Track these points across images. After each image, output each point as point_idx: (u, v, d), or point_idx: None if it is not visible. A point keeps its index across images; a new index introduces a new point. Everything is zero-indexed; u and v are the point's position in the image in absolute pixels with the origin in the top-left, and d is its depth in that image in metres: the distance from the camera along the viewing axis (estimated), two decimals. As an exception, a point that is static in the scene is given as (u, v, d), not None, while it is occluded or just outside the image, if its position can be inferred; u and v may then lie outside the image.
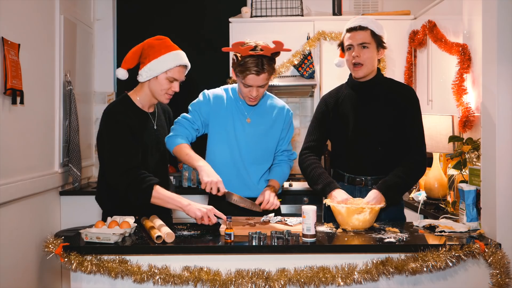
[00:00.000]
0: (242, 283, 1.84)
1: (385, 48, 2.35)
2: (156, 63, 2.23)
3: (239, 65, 2.22)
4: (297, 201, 3.74)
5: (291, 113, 2.49)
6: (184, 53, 2.34)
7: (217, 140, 2.37)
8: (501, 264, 1.90)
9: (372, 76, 2.36)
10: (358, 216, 2.09)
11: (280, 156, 2.50)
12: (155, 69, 2.23)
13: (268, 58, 2.22)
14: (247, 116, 2.38)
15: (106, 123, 2.26)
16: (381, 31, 2.32)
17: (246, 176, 2.37)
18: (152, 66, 2.23)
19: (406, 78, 3.92)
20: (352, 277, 1.86)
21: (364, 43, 2.29)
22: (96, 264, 1.86)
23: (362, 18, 2.34)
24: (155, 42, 2.28)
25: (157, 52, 2.23)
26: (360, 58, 2.29)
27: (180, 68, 2.29)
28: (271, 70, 2.25)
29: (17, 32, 2.99)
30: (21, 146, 3.07)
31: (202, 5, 4.46)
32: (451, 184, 2.95)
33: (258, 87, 2.26)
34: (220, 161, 2.34)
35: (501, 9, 2.03)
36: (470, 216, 2.18)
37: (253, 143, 2.37)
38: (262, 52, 2.18)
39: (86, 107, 4.26)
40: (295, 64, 3.92)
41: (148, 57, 2.24)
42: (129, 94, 2.36)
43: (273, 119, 2.42)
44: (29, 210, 3.21)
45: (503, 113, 2.03)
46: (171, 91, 2.31)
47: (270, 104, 2.46)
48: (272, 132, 2.42)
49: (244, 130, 2.36)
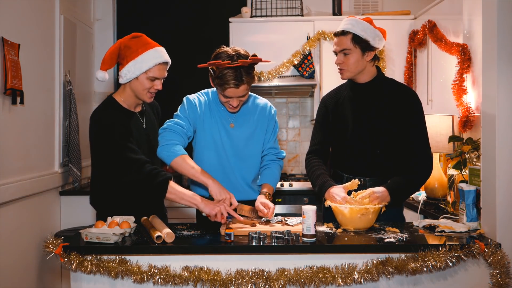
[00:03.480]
0: (242, 283, 1.84)
1: (373, 49, 2.28)
2: (135, 64, 2.16)
3: (217, 78, 2.15)
4: (297, 201, 3.74)
5: (274, 110, 2.44)
6: (163, 48, 2.26)
7: (204, 145, 2.33)
8: (501, 264, 1.90)
9: (370, 78, 2.34)
10: (362, 216, 2.08)
11: (268, 155, 2.46)
12: (134, 70, 2.17)
13: (246, 68, 2.14)
14: (230, 121, 2.34)
15: (100, 127, 2.20)
16: (366, 34, 2.24)
17: (235, 180, 2.35)
18: (130, 68, 2.17)
19: (406, 78, 3.92)
20: (352, 277, 1.86)
21: (345, 49, 2.26)
22: (96, 264, 1.86)
23: (348, 21, 2.28)
24: (131, 41, 2.20)
25: (134, 53, 2.17)
26: (343, 64, 2.28)
27: (160, 66, 2.21)
28: (250, 80, 2.18)
29: (17, 32, 2.99)
30: (21, 146, 3.07)
31: (202, 5, 4.47)
32: (451, 184, 2.95)
33: (239, 97, 2.21)
34: (208, 166, 2.30)
35: (501, 9, 2.03)
36: (470, 216, 2.18)
37: (239, 147, 2.34)
38: (239, 63, 2.10)
39: (86, 107, 4.25)
40: (295, 64, 3.92)
41: (125, 58, 2.18)
42: (114, 96, 2.30)
43: (256, 119, 2.38)
44: (29, 210, 3.21)
45: (503, 113, 2.03)
46: (153, 90, 2.25)
47: (252, 104, 2.40)
48: (257, 133, 2.38)
49: (229, 135, 2.33)
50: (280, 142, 4.49)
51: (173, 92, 3.08)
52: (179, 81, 3.99)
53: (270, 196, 2.34)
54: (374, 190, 2.17)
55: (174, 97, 2.42)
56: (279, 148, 2.50)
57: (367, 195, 2.14)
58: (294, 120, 4.55)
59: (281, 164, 2.50)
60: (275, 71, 3.91)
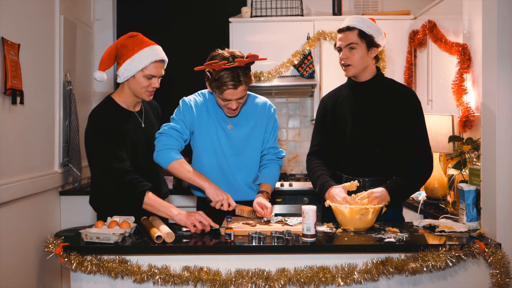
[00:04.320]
0: (242, 283, 1.84)
1: (377, 46, 2.31)
2: (131, 62, 2.20)
3: (215, 80, 2.14)
4: (297, 201, 3.74)
5: (273, 109, 2.42)
6: (160, 47, 2.28)
7: (202, 148, 2.33)
8: (501, 264, 1.90)
9: (370, 76, 2.34)
10: (361, 216, 2.08)
11: (267, 155, 2.45)
12: (131, 68, 2.20)
13: (243, 69, 2.13)
14: (228, 122, 2.33)
15: (93, 129, 2.23)
16: (371, 30, 2.28)
17: (234, 181, 2.34)
18: (127, 66, 2.20)
19: (406, 78, 3.92)
20: (352, 277, 1.86)
21: (351, 43, 2.27)
22: (96, 264, 1.86)
23: (353, 18, 2.31)
24: (128, 40, 2.24)
25: (130, 51, 2.20)
26: (348, 60, 2.29)
27: (157, 63, 2.23)
28: (248, 81, 2.16)
29: (17, 32, 2.99)
30: (21, 146, 3.07)
31: (202, 5, 4.47)
32: (451, 184, 2.95)
33: (237, 99, 2.19)
34: (207, 168, 2.31)
35: (501, 9, 2.03)
36: (470, 216, 2.18)
37: (238, 148, 2.33)
38: (236, 63, 2.09)
39: (86, 107, 4.25)
40: (295, 64, 3.92)
41: (122, 57, 2.22)
42: (112, 96, 2.33)
43: (255, 118, 2.37)
44: (29, 210, 3.21)
45: (503, 113, 2.03)
46: (151, 88, 2.27)
47: (250, 104, 2.38)
48: (256, 132, 2.37)
49: (227, 136, 2.32)
50: (280, 142, 4.49)
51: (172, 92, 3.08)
52: (179, 82, 3.99)
53: (269, 195, 2.34)
54: (373, 190, 2.17)
55: (174, 98, 2.43)
56: (279, 147, 2.50)
57: (366, 196, 2.15)
58: (294, 120, 4.55)
59: (280, 164, 2.50)
60: (275, 71, 3.91)
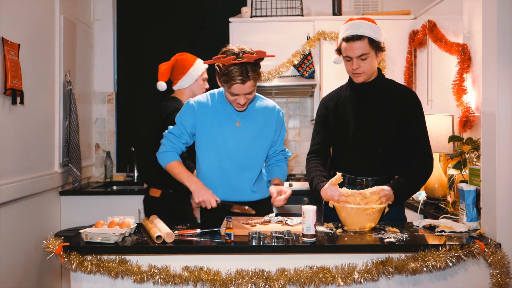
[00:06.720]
0: (242, 283, 1.84)
1: (384, 50, 2.31)
2: (193, 71, 2.97)
3: (223, 75, 2.16)
4: (297, 201, 3.74)
5: (282, 113, 2.45)
6: None
7: (205, 148, 2.34)
8: (501, 264, 1.90)
9: (372, 77, 2.34)
10: (367, 216, 2.08)
11: (277, 156, 2.48)
12: (195, 75, 2.98)
13: (252, 65, 2.15)
14: (237, 119, 2.34)
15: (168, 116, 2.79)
16: (379, 35, 2.25)
17: (236, 182, 2.34)
18: (189, 76, 2.97)
19: (406, 78, 3.92)
20: (352, 277, 1.86)
21: (364, 54, 2.23)
22: (96, 264, 1.86)
23: (358, 25, 2.25)
24: (183, 57, 3.00)
25: (189, 64, 2.98)
26: (360, 69, 2.26)
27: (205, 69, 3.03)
28: (256, 77, 2.19)
29: (17, 32, 2.99)
30: (21, 146, 3.07)
31: (202, 5, 4.46)
32: (451, 184, 2.95)
33: (246, 95, 2.21)
34: (209, 168, 2.33)
35: (501, 9, 2.03)
36: (470, 216, 2.18)
37: (243, 147, 2.33)
38: (245, 59, 2.11)
39: (86, 107, 4.26)
40: (295, 64, 3.92)
41: (185, 68, 2.96)
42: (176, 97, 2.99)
43: (264, 120, 2.38)
44: (29, 210, 3.21)
45: (503, 113, 2.03)
46: (205, 88, 3.04)
47: (260, 105, 2.40)
48: (263, 134, 2.37)
49: (234, 134, 2.33)
50: (280, 142, 4.49)
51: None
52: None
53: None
54: (383, 187, 2.16)
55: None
56: (285, 148, 2.54)
57: (377, 191, 2.13)
58: (294, 120, 4.55)
59: (287, 163, 2.55)
60: (275, 71, 3.91)
